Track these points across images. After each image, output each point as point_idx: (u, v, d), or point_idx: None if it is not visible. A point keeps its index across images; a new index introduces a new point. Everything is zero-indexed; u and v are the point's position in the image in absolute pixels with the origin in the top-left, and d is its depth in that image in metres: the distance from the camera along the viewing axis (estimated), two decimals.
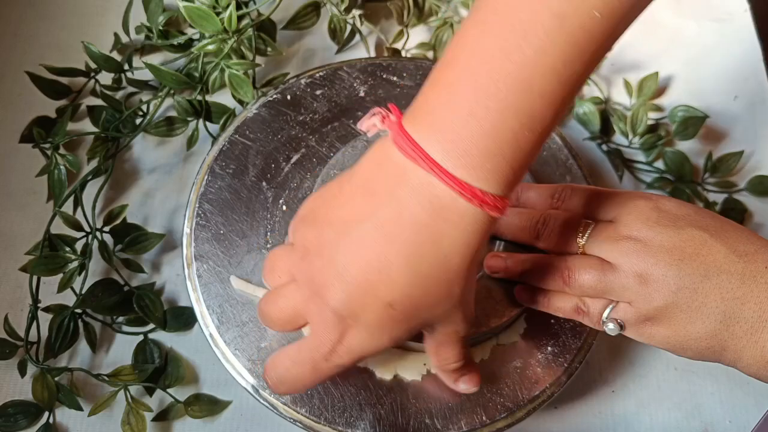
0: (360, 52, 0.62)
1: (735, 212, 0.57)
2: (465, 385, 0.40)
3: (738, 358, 0.37)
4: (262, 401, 0.42)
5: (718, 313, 0.36)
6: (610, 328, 0.40)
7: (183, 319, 0.50)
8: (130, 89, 0.59)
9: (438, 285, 0.33)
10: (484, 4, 0.31)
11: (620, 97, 0.62)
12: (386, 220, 0.31)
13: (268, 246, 0.45)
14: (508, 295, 0.43)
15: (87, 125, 0.57)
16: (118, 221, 0.52)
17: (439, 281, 0.32)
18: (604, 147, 0.60)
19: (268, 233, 0.46)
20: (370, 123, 0.33)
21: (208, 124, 0.57)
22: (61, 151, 0.54)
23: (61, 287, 0.49)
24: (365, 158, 0.33)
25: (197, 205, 0.46)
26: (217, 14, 0.54)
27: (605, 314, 0.40)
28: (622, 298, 0.39)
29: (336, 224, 0.33)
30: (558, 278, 0.40)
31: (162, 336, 0.50)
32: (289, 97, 0.50)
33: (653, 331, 0.39)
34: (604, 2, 0.29)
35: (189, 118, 0.57)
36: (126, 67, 0.58)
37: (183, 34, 0.60)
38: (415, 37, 0.63)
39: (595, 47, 0.30)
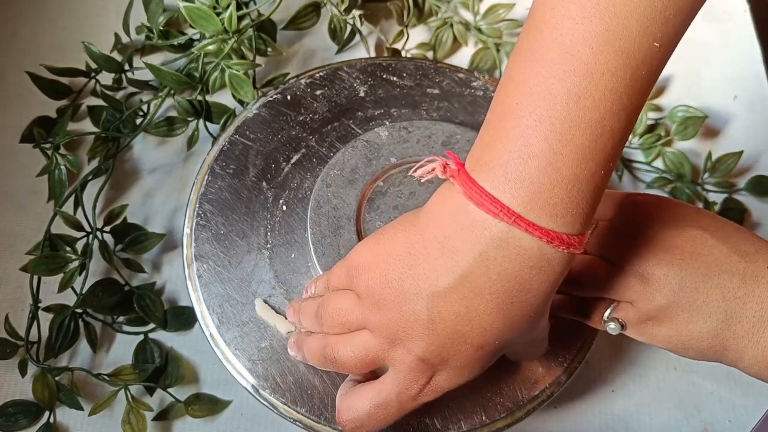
0: (360, 52, 0.62)
1: (734, 212, 0.57)
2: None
3: (739, 358, 0.37)
4: (262, 401, 0.42)
5: (719, 312, 0.36)
6: (612, 327, 0.40)
7: (183, 318, 0.50)
8: (131, 89, 0.59)
9: (527, 322, 0.33)
10: (535, 46, 0.30)
11: None
12: (473, 275, 0.31)
13: (268, 246, 0.46)
14: None
15: (87, 125, 0.57)
16: (118, 221, 0.52)
17: (528, 320, 0.33)
18: None
19: (269, 233, 0.46)
20: (426, 170, 0.33)
21: (208, 124, 0.57)
22: (62, 151, 0.55)
23: (62, 287, 0.49)
24: (434, 210, 0.33)
25: (197, 205, 0.46)
26: (218, 14, 0.54)
27: (606, 314, 0.40)
28: (624, 297, 0.39)
29: (415, 279, 0.33)
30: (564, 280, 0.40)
31: (162, 336, 0.50)
32: (289, 98, 0.51)
33: (655, 331, 0.39)
34: (662, 33, 0.29)
35: (189, 118, 0.57)
36: (126, 67, 0.58)
37: (183, 34, 0.60)
38: (415, 38, 0.63)
39: (654, 75, 0.31)
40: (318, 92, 0.51)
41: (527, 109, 0.30)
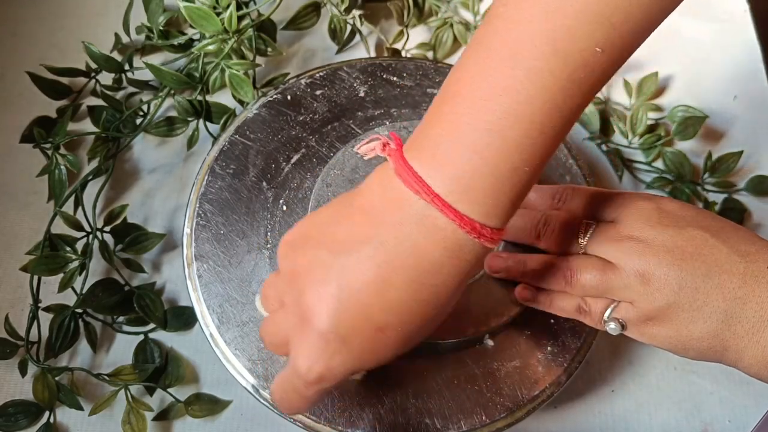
0: (360, 52, 0.62)
1: (734, 212, 0.57)
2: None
3: (739, 358, 0.37)
4: (262, 401, 0.42)
5: (719, 312, 0.36)
6: (612, 327, 0.40)
7: (183, 318, 0.50)
8: (131, 89, 0.59)
9: (431, 311, 0.33)
10: (485, 38, 0.31)
11: (620, 97, 0.62)
12: (389, 244, 0.31)
13: (269, 246, 0.46)
14: (508, 295, 0.43)
15: (87, 125, 0.57)
16: (118, 221, 0.52)
17: (433, 308, 0.33)
18: (604, 147, 0.60)
19: (268, 233, 0.46)
20: (369, 148, 0.34)
21: (208, 124, 0.57)
22: (62, 151, 0.55)
23: (62, 287, 0.49)
24: (366, 184, 0.34)
25: (197, 205, 0.46)
26: (218, 14, 0.54)
27: (607, 314, 0.40)
28: (624, 297, 0.39)
29: (331, 244, 0.33)
30: (560, 278, 0.40)
31: (162, 336, 0.50)
32: (289, 98, 0.51)
33: (655, 331, 0.39)
34: (605, 38, 0.30)
35: (189, 118, 0.57)
36: (126, 67, 0.58)
37: (183, 34, 0.60)
38: (415, 38, 0.63)
39: (595, 81, 0.31)
40: (318, 92, 0.51)
41: (464, 96, 0.31)
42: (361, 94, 0.51)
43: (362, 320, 0.32)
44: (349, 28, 0.61)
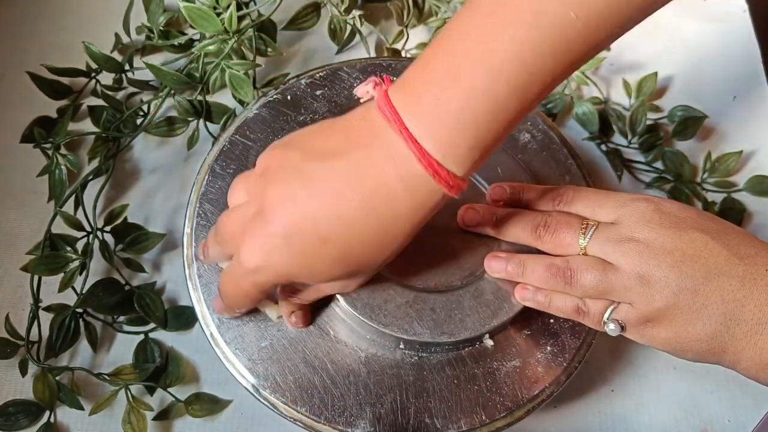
0: (360, 52, 0.62)
1: (734, 212, 0.57)
2: (296, 319, 0.42)
3: (737, 360, 0.37)
4: (262, 400, 0.42)
5: (718, 314, 0.36)
6: (611, 328, 0.40)
7: (183, 318, 0.50)
8: (131, 89, 0.59)
9: (375, 240, 0.35)
10: None
11: (619, 98, 0.62)
12: (357, 162, 0.34)
13: None
14: (508, 295, 0.43)
15: (88, 125, 0.58)
16: (118, 221, 0.52)
17: (378, 237, 0.35)
18: (604, 147, 0.60)
19: None
20: (364, 89, 0.36)
21: (208, 124, 0.57)
22: (62, 151, 0.55)
23: (62, 287, 0.49)
24: (350, 113, 0.36)
25: (198, 205, 0.46)
26: (218, 14, 0.54)
27: (606, 315, 0.40)
28: (624, 299, 0.39)
29: (306, 150, 0.35)
30: (559, 278, 0.40)
31: (163, 335, 0.50)
32: (289, 98, 0.51)
33: (654, 333, 0.39)
34: (580, 6, 0.31)
35: (189, 118, 0.57)
36: (127, 67, 0.58)
37: (183, 34, 0.60)
38: (415, 38, 0.63)
39: (567, 47, 0.32)
40: (318, 92, 0.51)
41: (444, 44, 0.34)
42: None
43: (309, 227, 0.34)
44: (349, 28, 0.61)
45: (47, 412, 0.47)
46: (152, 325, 0.50)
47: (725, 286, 0.36)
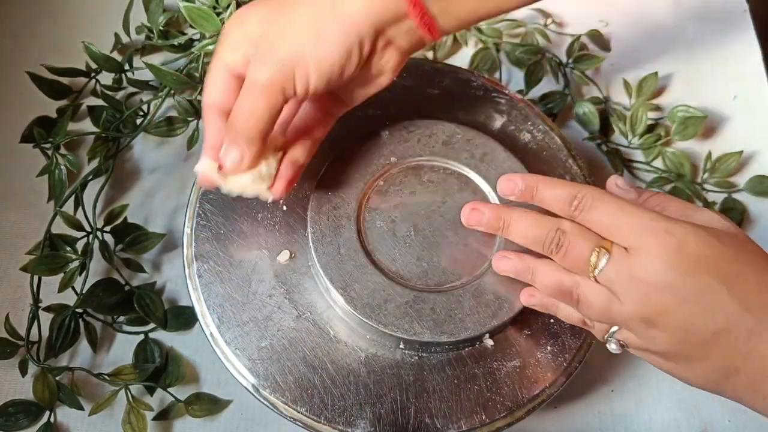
0: None
1: (734, 212, 0.57)
2: (280, 187, 0.42)
3: (738, 399, 0.38)
4: (262, 400, 0.42)
5: (720, 367, 0.36)
6: (613, 347, 0.40)
7: (183, 318, 0.50)
8: (131, 89, 0.59)
9: (324, 34, 0.38)
10: None
11: (620, 97, 0.62)
12: None
13: (268, 246, 0.46)
14: (508, 295, 0.43)
15: (87, 125, 0.58)
16: (118, 221, 0.52)
17: (328, 37, 0.38)
18: (604, 147, 0.60)
19: (269, 233, 0.46)
20: None
21: None
22: (62, 151, 0.55)
23: (62, 287, 0.49)
24: None
25: (198, 205, 0.46)
26: (218, 14, 0.54)
27: (609, 333, 0.40)
28: (628, 329, 0.38)
29: None
30: (567, 299, 0.40)
31: (162, 335, 0.50)
32: None
33: (655, 360, 0.39)
34: None
35: (189, 118, 0.57)
36: (126, 67, 0.58)
37: (183, 34, 0.60)
38: None
39: None
40: None
41: None
42: None
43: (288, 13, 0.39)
44: None
45: (47, 412, 0.47)
46: (152, 325, 0.50)
47: (731, 342, 0.36)
